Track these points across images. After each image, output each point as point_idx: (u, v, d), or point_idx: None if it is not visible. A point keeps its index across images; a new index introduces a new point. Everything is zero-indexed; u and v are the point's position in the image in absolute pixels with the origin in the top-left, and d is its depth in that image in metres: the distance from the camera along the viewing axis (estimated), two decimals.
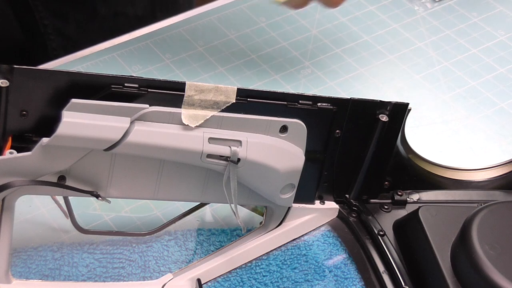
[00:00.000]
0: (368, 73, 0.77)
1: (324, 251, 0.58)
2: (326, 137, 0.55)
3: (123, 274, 0.56)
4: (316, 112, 0.53)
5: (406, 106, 0.56)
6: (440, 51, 0.80)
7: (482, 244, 0.51)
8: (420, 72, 0.78)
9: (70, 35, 0.82)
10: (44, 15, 0.82)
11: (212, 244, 0.58)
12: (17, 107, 0.46)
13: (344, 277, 0.56)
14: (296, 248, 0.58)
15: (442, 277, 0.52)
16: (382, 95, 0.75)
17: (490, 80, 0.77)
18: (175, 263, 0.57)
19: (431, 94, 0.76)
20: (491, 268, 0.50)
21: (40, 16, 0.82)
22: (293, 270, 0.57)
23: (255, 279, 0.56)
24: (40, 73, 0.46)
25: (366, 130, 0.56)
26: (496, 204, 0.55)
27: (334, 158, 0.56)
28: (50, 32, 0.84)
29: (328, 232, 0.60)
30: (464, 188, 0.62)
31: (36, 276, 0.54)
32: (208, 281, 0.55)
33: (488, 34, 0.82)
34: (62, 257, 0.56)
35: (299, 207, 0.57)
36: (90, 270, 0.56)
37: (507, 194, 0.62)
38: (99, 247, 0.57)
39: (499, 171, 0.63)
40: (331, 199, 0.59)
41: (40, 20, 0.82)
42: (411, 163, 0.60)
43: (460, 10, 0.85)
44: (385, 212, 0.59)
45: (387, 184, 0.60)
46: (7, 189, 0.47)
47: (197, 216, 0.60)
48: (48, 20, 0.82)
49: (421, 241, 0.54)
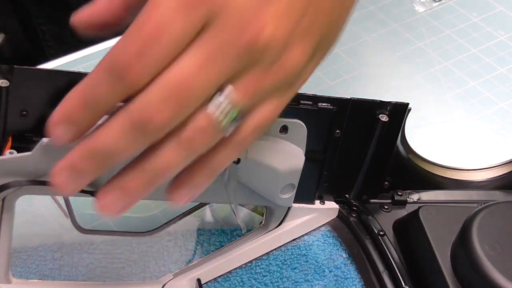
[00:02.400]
0: (368, 73, 0.77)
1: (324, 251, 0.58)
2: (326, 137, 0.55)
3: (123, 274, 0.56)
4: (316, 112, 0.53)
5: (406, 106, 0.56)
6: (440, 51, 0.80)
7: (482, 244, 0.51)
8: (420, 72, 0.78)
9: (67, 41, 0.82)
10: (42, 21, 0.82)
11: (212, 244, 0.58)
12: (17, 107, 0.46)
13: (344, 277, 0.56)
14: (296, 248, 0.58)
15: (442, 277, 0.52)
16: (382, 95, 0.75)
17: (490, 80, 0.77)
18: (175, 263, 0.57)
19: (431, 94, 0.75)
20: (491, 268, 0.50)
21: (37, 22, 0.82)
22: (293, 270, 0.57)
23: (255, 279, 0.56)
24: (40, 73, 0.46)
25: (366, 130, 0.56)
26: (496, 204, 0.55)
27: (334, 158, 0.56)
28: (48, 39, 0.84)
29: (328, 232, 0.60)
30: (464, 188, 0.62)
31: (36, 276, 0.54)
32: (208, 281, 0.55)
33: (488, 34, 0.82)
34: (62, 257, 0.56)
35: (299, 207, 0.57)
36: (90, 270, 0.56)
37: (507, 194, 0.62)
38: (99, 247, 0.57)
39: (499, 171, 0.63)
40: (331, 199, 0.59)
41: (38, 25, 0.83)
42: (411, 163, 0.60)
43: (460, 10, 0.85)
44: (385, 212, 0.59)
45: (387, 184, 0.60)
46: (7, 189, 0.47)
47: (197, 216, 0.60)
48: (46, 26, 0.83)
49: (421, 241, 0.54)
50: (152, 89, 0.36)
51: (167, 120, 0.36)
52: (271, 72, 0.38)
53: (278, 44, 0.38)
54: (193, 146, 0.38)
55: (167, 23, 0.36)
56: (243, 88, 0.38)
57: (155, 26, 0.35)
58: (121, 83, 0.36)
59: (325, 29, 0.40)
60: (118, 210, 0.39)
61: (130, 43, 0.36)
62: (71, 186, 0.38)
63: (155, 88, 0.36)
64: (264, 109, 0.39)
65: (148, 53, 0.35)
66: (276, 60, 0.38)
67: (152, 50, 0.35)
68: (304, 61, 0.39)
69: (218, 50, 0.36)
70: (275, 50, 0.38)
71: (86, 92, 0.37)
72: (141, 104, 0.36)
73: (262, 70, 0.38)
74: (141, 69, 0.36)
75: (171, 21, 0.36)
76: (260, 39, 0.37)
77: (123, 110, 0.37)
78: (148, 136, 0.37)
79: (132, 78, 0.36)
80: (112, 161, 0.38)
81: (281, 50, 0.38)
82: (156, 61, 0.36)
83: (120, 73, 0.36)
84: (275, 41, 0.37)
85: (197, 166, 0.40)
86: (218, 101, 0.37)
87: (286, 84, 0.40)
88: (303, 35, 0.39)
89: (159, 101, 0.36)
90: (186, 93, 0.36)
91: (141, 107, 0.36)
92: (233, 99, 0.37)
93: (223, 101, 0.37)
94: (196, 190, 0.41)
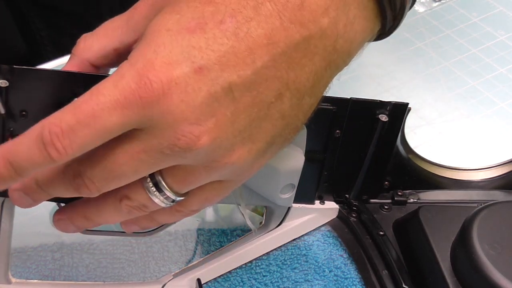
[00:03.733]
0: (368, 73, 0.77)
1: (324, 251, 0.58)
2: (326, 137, 0.55)
3: (123, 274, 0.56)
4: (316, 112, 0.53)
5: (406, 106, 0.56)
6: (440, 51, 0.80)
7: (482, 244, 0.51)
8: (420, 72, 0.78)
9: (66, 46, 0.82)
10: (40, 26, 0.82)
11: (212, 244, 0.58)
12: (17, 107, 0.46)
13: (344, 277, 0.56)
14: (296, 248, 0.58)
15: (442, 277, 0.52)
16: (382, 95, 0.75)
17: (490, 80, 0.77)
18: (175, 263, 0.57)
19: (431, 94, 0.75)
20: (491, 268, 0.50)
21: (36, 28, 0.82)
22: (293, 270, 0.57)
23: (255, 279, 0.56)
24: (40, 73, 0.46)
25: (366, 130, 0.56)
26: (496, 204, 0.55)
27: (334, 158, 0.56)
28: (46, 44, 0.84)
29: (328, 232, 0.60)
30: (464, 188, 0.62)
31: (36, 276, 0.54)
32: (208, 281, 0.55)
33: (488, 34, 0.82)
34: (62, 257, 0.56)
35: (299, 207, 0.57)
36: (90, 270, 0.56)
37: (507, 194, 0.62)
38: (99, 247, 0.57)
39: (499, 171, 0.63)
40: (331, 199, 0.59)
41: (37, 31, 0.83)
42: (411, 163, 0.60)
43: (460, 10, 0.85)
44: (385, 212, 0.59)
45: (387, 184, 0.60)
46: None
47: (197, 216, 0.60)
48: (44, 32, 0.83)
49: (421, 241, 0.54)
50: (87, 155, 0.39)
51: (93, 188, 0.40)
52: (208, 169, 0.40)
53: (213, 150, 0.39)
54: (131, 213, 0.43)
55: (102, 114, 0.37)
56: (175, 178, 0.41)
57: (90, 112, 0.37)
58: (45, 152, 0.38)
59: (277, 131, 0.41)
60: (66, 230, 0.45)
61: (65, 117, 0.38)
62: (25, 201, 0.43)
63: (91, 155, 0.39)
64: (207, 192, 0.43)
65: (78, 132, 0.37)
66: (214, 160, 0.40)
67: (82, 131, 0.37)
68: (250, 158, 0.41)
69: (147, 151, 0.39)
70: (210, 154, 0.39)
71: (11, 152, 0.39)
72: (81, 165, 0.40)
73: (198, 166, 0.40)
74: (68, 144, 0.38)
75: (106, 114, 0.37)
76: (192, 147, 0.38)
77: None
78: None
79: (57, 150, 0.38)
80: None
81: (218, 153, 0.39)
82: (83, 143, 0.38)
83: (47, 143, 0.38)
84: (208, 148, 0.39)
85: (143, 216, 0.44)
86: (148, 184, 0.41)
87: (231, 175, 0.42)
88: (250, 140, 0.40)
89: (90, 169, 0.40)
90: (112, 173, 0.39)
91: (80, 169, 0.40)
92: (166, 185, 0.41)
93: (151, 186, 0.41)
94: (142, 229, 0.46)
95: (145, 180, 0.41)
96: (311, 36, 0.39)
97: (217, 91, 0.38)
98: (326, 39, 0.40)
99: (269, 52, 0.38)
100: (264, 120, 0.40)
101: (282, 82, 0.39)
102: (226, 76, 0.38)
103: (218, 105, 0.38)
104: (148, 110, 0.37)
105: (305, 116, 0.42)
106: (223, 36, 0.38)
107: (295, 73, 0.40)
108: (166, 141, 0.38)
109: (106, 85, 0.38)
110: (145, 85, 0.37)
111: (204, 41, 0.38)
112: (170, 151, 0.38)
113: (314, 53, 0.40)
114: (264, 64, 0.38)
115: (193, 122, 0.38)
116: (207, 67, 0.37)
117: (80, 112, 0.37)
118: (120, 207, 0.42)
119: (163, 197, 0.41)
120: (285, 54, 0.39)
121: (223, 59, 0.38)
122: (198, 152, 0.39)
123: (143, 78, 0.37)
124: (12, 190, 0.43)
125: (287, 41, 0.39)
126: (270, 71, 0.39)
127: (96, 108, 0.37)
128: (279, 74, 0.39)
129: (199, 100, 0.38)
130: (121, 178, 0.40)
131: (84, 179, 0.40)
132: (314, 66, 0.40)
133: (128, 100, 0.37)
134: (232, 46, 0.38)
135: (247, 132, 0.40)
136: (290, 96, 0.40)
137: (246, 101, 0.39)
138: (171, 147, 0.38)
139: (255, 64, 0.38)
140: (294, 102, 0.41)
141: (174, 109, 0.37)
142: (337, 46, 0.41)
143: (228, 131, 0.39)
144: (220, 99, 0.38)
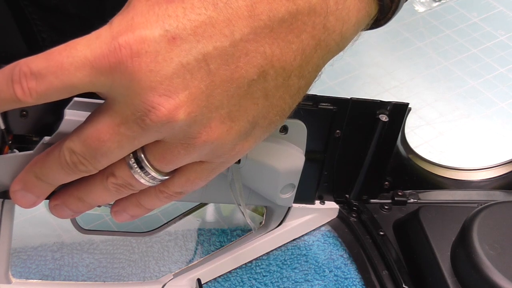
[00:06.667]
0: (368, 73, 0.77)
1: (324, 251, 0.58)
2: (326, 137, 0.55)
3: (123, 274, 0.56)
4: (316, 112, 0.53)
5: (406, 106, 0.56)
6: (440, 51, 0.80)
7: (482, 244, 0.51)
8: (420, 72, 0.78)
9: None
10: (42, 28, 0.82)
11: (212, 244, 0.58)
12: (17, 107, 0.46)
13: (344, 277, 0.56)
14: (296, 248, 0.58)
15: (442, 277, 0.52)
16: (382, 95, 0.75)
17: (490, 80, 0.77)
18: (175, 263, 0.57)
19: (431, 94, 0.76)
20: (491, 268, 0.50)
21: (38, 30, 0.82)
22: (293, 270, 0.57)
23: (255, 279, 0.56)
24: None
25: (366, 130, 0.56)
26: (496, 204, 0.55)
27: (334, 158, 0.56)
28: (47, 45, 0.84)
29: (328, 232, 0.60)
30: (464, 188, 0.62)
31: (36, 276, 0.54)
32: (208, 281, 0.55)
33: (488, 34, 0.82)
34: (62, 257, 0.56)
35: (299, 207, 0.57)
36: (90, 270, 0.56)
37: (507, 194, 0.62)
38: (99, 247, 0.57)
39: (499, 171, 0.63)
40: (331, 199, 0.59)
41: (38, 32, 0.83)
42: (411, 163, 0.60)
43: (460, 10, 0.85)
44: (385, 212, 0.59)
45: (387, 184, 0.60)
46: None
47: (197, 216, 0.60)
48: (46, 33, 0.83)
49: (421, 241, 0.54)
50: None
51: (88, 164, 0.40)
52: (186, 146, 0.39)
53: (188, 125, 0.38)
54: (119, 192, 0.42)
55: (69, 67, 0.37)
56: (155, 155, 0.40)
57: (60, 62, 0.37)
58: (11, 89, 0.38)
59: (259, 112, 0.40)
60: (63, 215, 0.45)
61: (37, 61, 0.38)
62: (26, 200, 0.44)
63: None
64: (188, 174, 0.42)
65: (45, 78, 0.37)
66: (191, 136, 0.39)
67: (48, 78, 0.37)
68: (231, 138, 0.39)
69: (124, 122, 0.38)
70: (186, 130, 0.38)
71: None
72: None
73: (176, 143, 0.39)
74: (33, 87, 0.38)
75: (74, 69, 0.37)
76: (164, 120, 0.37)
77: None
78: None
79: (22, 89, 0.38)
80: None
81: (194, 129, 0.38)
82: (48, 89, 0.38)
83: (15, 80, 0.38)
84: (183, 123, 0.38)
85: (128, 200, 0.44)
86: (131, 160, 0.40)
87: (211, 155, 0.40)
88: (229, 117, 0.39)
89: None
90: (99, 149, 0.39)
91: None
92: (147, 162, 0.40)
93: (133, 162, 0.40)
94: (132, 217, 0.45)
95: (128, 157, 0.40)
96: (299, 11, 0.38)
97: (190, 63, 0.37)
98: (315, 15, 0.38)
99: (249, 24, 0.37)
100: (243, 98, 0.39)
101: (265, 59, 0.38)
102: (201, 47, 0.37)
103: (191, 77, 0.37)
104: (116, 76, 0.37)
105: (293, 99, 0.41)
106: (201, 6, 0.37)
107: (280, 50, 0.38)
108: (138, 111, 0.37)
109: (83, 41, 0.37)
110: (115, 50, 0.36)
111: (181, 10, 0.37)
112: (143, 124, 0.37)
113: (302, 30, 0.38)
114: (244, 37, 0.37)
115: (162, 93, 0.37)
116: (181, 37, 0.36)
117: (51, 59, 0.37)
118: (107, 185, 0.41)
119: (145, 174, 0.41)
120: (268, 28, 0.37)
121: (199, 30, 0.37)
122: (172, 126, 0.38)
123: (114, 42, 0.36)
124: (13, 192, 0.43)
125: (271, 15, 0.37)
126: (250, 45, 0.37)
127: (66, 60, 0.37)
128: (262, 50, 0.38)
129: (169, 70, 0.37)
130: (108, 154, 0.39)
131: (77, 156, 0.40)
132: (301, 43, 0.39)
133: (97, 61, 0.37)
134: (210, 16, 0.37)
135: (225, 109, 0.38)
136: (275, 74, 0.39)
137: (223, 75, 0.37)
138: (143, 118, 0.37)
139: (234, 36, 0.37)
140: (280, 82, 0.39)
141: (141, 78, 0.37)
142: (327, 24, 0.39)
143: (203, 105, 0.38)
144: (193, 71, 0.37)
